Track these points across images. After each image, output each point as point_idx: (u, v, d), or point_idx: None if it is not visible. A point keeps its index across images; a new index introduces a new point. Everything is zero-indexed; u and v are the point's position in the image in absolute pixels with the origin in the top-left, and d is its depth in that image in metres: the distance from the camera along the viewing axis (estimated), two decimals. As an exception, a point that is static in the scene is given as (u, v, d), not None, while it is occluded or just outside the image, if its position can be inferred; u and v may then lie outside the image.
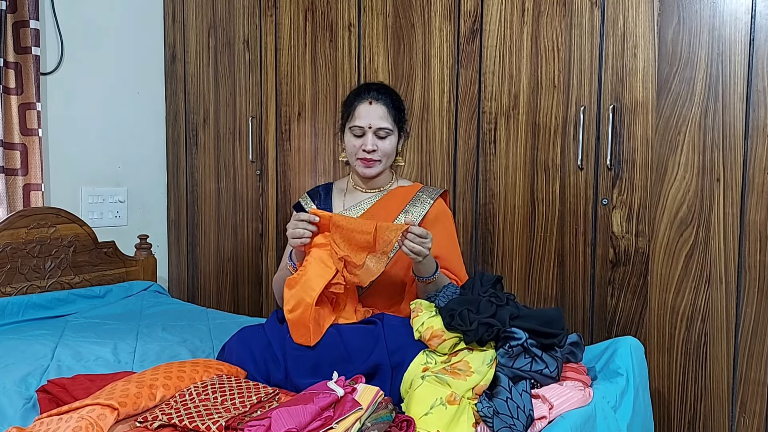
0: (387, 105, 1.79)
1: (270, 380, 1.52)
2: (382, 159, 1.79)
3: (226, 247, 2.93)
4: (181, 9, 3.01)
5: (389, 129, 1.78)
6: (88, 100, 2.81)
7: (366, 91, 1.81)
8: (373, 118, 1.76)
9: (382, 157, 1.79)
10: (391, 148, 1.80)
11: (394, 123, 1.79)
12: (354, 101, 1.81)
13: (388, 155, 1.80)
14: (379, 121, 1.76)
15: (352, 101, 1.82)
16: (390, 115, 1.78)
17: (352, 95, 1.84)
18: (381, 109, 1.77)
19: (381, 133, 1.77)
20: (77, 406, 1.25)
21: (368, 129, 1.76)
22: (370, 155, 1.77)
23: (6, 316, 2.17)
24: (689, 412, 1.89)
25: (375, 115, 1.77)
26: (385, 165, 1.82)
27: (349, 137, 1.80)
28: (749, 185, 1.77)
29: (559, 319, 1.46)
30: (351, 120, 1.80)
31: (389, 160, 1.83)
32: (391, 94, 1.83)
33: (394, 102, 1.81)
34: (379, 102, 1.78)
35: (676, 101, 1.85)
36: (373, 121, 1.76)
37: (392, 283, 1.75)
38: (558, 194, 2.06)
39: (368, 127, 1.76)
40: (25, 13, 2.48)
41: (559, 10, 2.02)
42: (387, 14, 2.37)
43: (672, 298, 1.90)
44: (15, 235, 2.35)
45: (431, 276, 1.67)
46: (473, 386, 1.32)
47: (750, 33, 1.75)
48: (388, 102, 1.79)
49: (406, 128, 1.88)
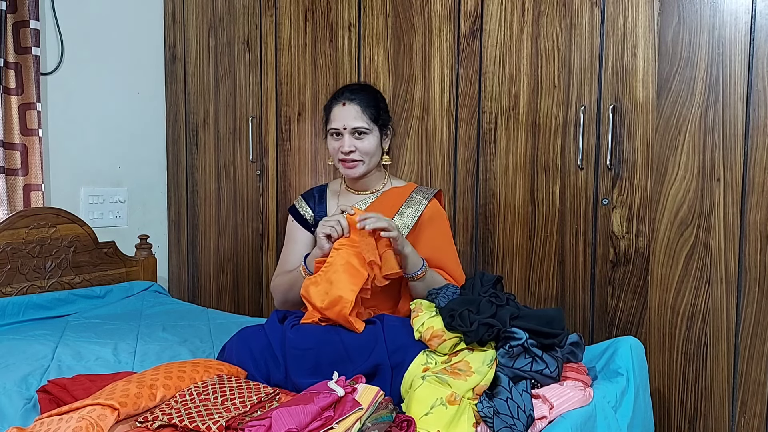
0: (361, 104, 1.79)
1: (270, 380, 1.52)
2: (363, 159, 1.79)
3: (226, 247, 2.93)
4: (181, 9, 3.02)
5: (366, 128, 1.78)
6: (88, 100, 2.81)
7: (340, 94, 1.83)
8: (347, 118, 1.78)
9: (364, 157, 1.79)
10: (371, 147, 1.80)
11: (371, 121, 1.79)
12: (330, 104, 1.84)
13: (369, 154, 1.80)
14: (354, 121, 1.77)
15: (329, 105, 1.84)
16: (366, 113, 1.79)
17: (329, 99, 1.86)
18: (354, 109, 1.78)
19: (358, 132, 1.78)
20: (77, 406, 1.25)
21: (344, 130, 1.78)
22: (348, 156, 1.78)
23: (6, 316, 2.17)
24: (689, 412, 1.89)
25: (349, 116, 1.78)
26: (369, 165, 1.81)
27: (329, 140, 1.83)
28: (749, 185, 1.77)
29: (559, 319, 1.46)
30: (328, 123, 1.83)
31: (373, 159, 1.82)
32: (367, 92, 1.83)
33: (370, 100, 1.81)
34: (353, 102, 1.79)
35: (677, 101, 1.85)
36: (347, 121, 1.78)
37: (392, 283, 1.75)
38: (558, 194, 2.06)
39: (343, 128, 1.78)
40: (25, 13, 2.48)
41: (559, 10, 2.02)
42: (387, 14, 2.37)
43: (672, 298, 1.90)
44: (15, 235, 2.35)
45: (418, 272, 1.68)
46: (473, 386, 1.32)
47: (750, 33, 1.75)
48: (362, 101, 1.80)
49: (390, 125, 1.88)
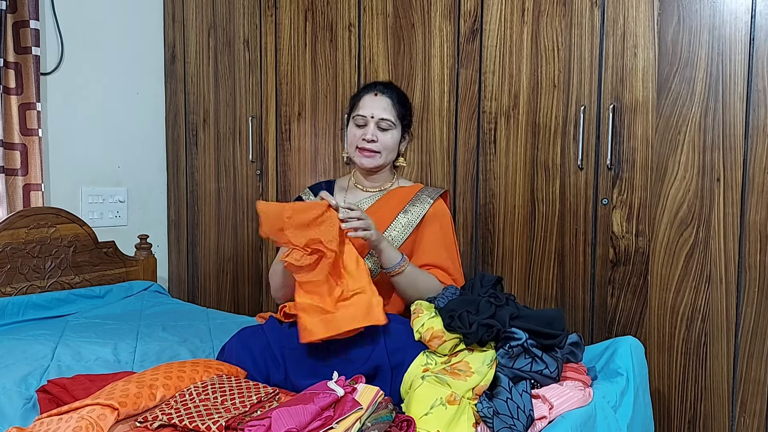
0: (392, 98, 1.82)
1: (270, 381, 1.52)
2: (381, 152, 1.80)
3: (226, 247, 2.93)
4: (181, 9, 3.01)
5: (392, 122, 1.79)
6: (88, 100, 2.81)
7: (373, 86, 1.86)
8: (377, 108, 1.79)
9: (382, 150, 1.80)
10: (392, 142, 1.81)
11: (397, 118, 1.81)
12: (361, 93, 1.86)
13: (388, 149, 1.81)
14: (382, 112, 1.79)
15: (359, 93, 1.87)
16: (394, 108, 1.81)
17: (360, 89, 1.89)
18: (385, 100, 1.80)
19: (383, 124, 1.79)
20: (77, 406, 1.25)
21: (371, 119, 1.79)
22: (369, 145, 1.78)
23: (6, 316, 2.17)
24: (689, 412, 1.89)
25: (379, 106, 1.79)
26: (384, 159, 1.82)
27: (351, 127, 1.83)
28: (749, 185, 1.77)
29: (559, 320, 1.46)
30: (355, 110, 1.83)
31: (389, 155, 1.83)
32: (398, 91, 1.87)
33: (400, 98, 1.84)
34: (385, 95, 1.82)
35: (676, 101, 1.85)
36: (376, 111, 1.79)
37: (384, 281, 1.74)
38: (558, 194, 2.06)
39: (371, 116, 1.79)
40: (25, 13, 2.48)
41: (559, 9, 2.02)
42: (387, 14, 2.36)
43: (672, 297, 1.90)
44: (15, 235, 2.35)
45: (395, 267, 1.67)
46: (473, 386, 1.32)
47: (750, 32, 1.75)
48: (393, 96, 1.82)
49: (410, 130, 1.90)
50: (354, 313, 1.47)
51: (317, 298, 1.48)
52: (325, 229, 1.53)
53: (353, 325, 1.46)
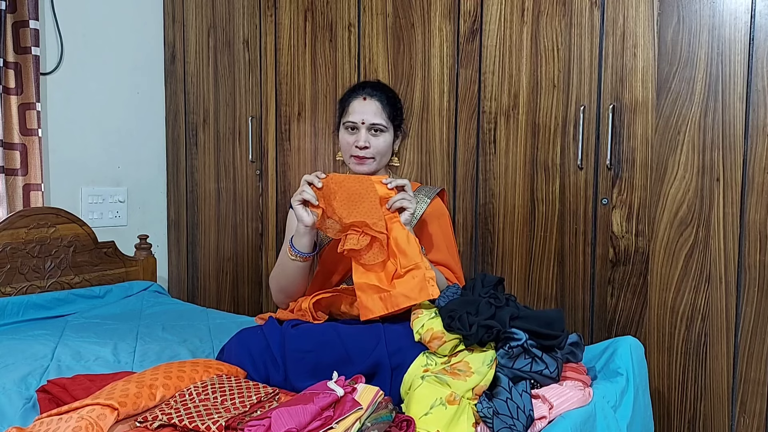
0: (381, 101, 1.77)
1: (269, 382, 1.52)
2: (375, 156, 1.77)
3: (226, 247, 2.93)
4: (181, 9, 3.02)
5: (383, 126, 1.76)
6: (88, 100, 2.81)
7: (361, 88, 1.80)
8: (367, 113, 1.75)
9: (375, 155, 1.77)
10: (385, 146, 1.78)
11: (388, 120, 1.77)
12: (348, 97, 1.81)
13: (381, 153, 1.78)
14: (373, 117, 1.75)
15: (347, 98, 1.81)
16: (384, 111, 1.77)
17: (347, 92, 1.84)
18: (375, 104, 1.76)
19: (374, 129, 1.76)
20: (77, 406, 1.25)
21: (361, 125, 1.75)
22: (363, 152, 1.75)
23: (6, 316, 2.17)
24: (689, 412, 1.89)
25: (369, 111, 1.75)
26: (379, 163, 1.79)
27: (342, 134, 1.79)
28: (749, 185, 1.77)
29: (559, 321, 1.46)
30: (345, 116, 1.79)
31: (383, 159, 1.80)
32: (386, 91, 1.81)
33: (390, 99, 1.80)
34: (374, 98, 1.77)
35: (676, 101, 1.85)
36: (366, 116, 1.75)
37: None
38: (558, 194, 2.06)
39: (361, 122, 1.75)
40: (24, 13, 2.48)
41: (559, 9, 2.02)
42: (387, 14, 2.36)
43: (672, 297, 1.90)
44: (15, 235, 2.35)
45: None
46: (473, 387, 1.32)
47: (750, 32, 1.75)
48: (383, 98, 1.78)
49: (402, 127, 1.86)
50: (410, 290, 1.53)
51: (373, 276, 1.56)
52: (367, 209, 1.58)
53: (409, 302, 1.52)
